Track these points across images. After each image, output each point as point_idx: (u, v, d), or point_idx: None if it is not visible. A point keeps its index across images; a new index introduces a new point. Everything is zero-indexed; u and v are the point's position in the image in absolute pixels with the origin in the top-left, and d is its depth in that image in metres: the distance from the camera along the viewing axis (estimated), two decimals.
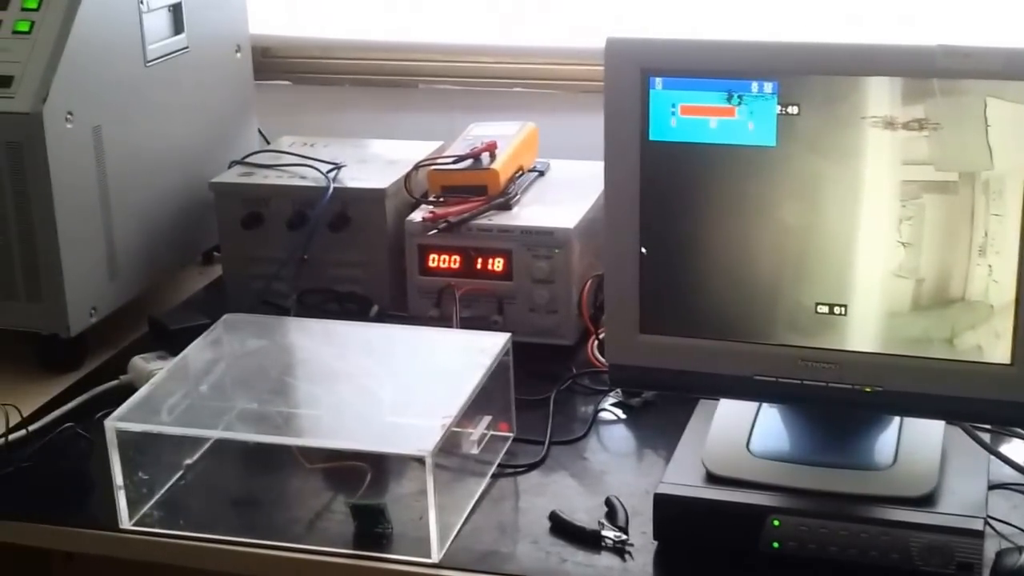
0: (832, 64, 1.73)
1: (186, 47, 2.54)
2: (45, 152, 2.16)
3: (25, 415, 2.12)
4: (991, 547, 1.72)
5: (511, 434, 2.06)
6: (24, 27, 2.20)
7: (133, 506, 1.90)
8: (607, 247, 1.85)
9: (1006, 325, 1.70)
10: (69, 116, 2.21)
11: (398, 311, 2.40)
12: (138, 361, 2.23)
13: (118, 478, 1.88)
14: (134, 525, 1.90)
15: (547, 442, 2.05)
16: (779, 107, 1.73)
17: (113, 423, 1.88)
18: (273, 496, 1.99)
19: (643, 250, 1.81)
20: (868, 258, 1.74)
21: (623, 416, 2.14)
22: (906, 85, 1.68)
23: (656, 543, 1.80)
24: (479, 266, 2.33)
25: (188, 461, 2.00)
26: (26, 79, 2.16)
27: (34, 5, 2.21)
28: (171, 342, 2.25)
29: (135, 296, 2.44)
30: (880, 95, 1.69)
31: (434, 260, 2.35)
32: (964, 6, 2.52)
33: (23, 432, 2.08)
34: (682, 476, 1.81)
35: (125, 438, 1.88)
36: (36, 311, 2.25)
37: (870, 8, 2.56)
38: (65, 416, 2.13)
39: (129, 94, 2.38)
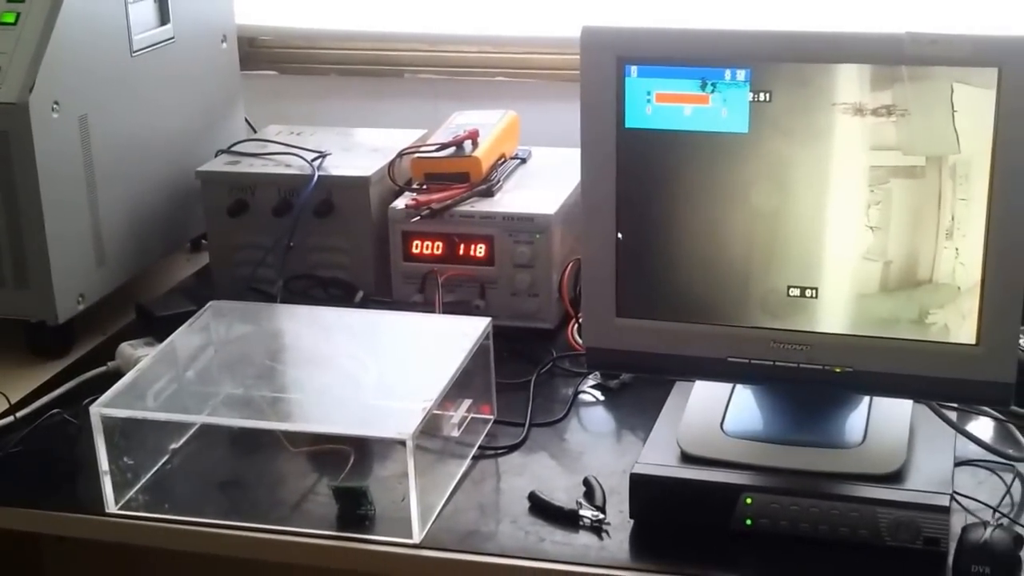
0: (803, 52, 1.75)
1: (172, 37, 2.56)
2: (32, 141, 2.18)
3: (13, 401, 2.15)
4: (957, 522, 1.74)
5: (492, 416, 2.08)
6: (10, 18, 2.22)
7: (119, 490, 1.91)
8: (584, 233, 1.87)
9: (972, 306, 1.73)
10: (55, 106, 2.23)
11: (382, 297, 2.42)
12: (126, 347, 2.24)
13: (104, 463, 1.90)
14: (120, 509, 1.91)
15: (527, 424, 2.07)
16: (751, 94, 1.75)
17: (98, 409, 1.89)
18: (258, 479, 2.01)
19: (619, 235, 1.84)
20: (838, 241, 1.76)
21: (601, 398, 2.16)
22: (875, 72, 1.71)
23: (632, 522, 1.82)
24: (462, 252, 2.35)
25: (174, 446, 2.02)
26: (12, 69, 2.18)
27: None
28: (158, 329, 2.26)
29: (123, 283, 2.46)
30: (849, 82, 1.71)
31: (417, 246, 2.37)
32: None
33: (11, 418, 2.10)
34: (658, 456, 1.84)
35: (111, 424, 1.90)
36: (24, 298, 2.27)
37: None
38: (53, 402, 2.14)
39: (115, 84, 2.41)
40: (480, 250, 2.34)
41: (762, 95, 1.75)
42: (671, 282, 1.85)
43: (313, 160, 2.49)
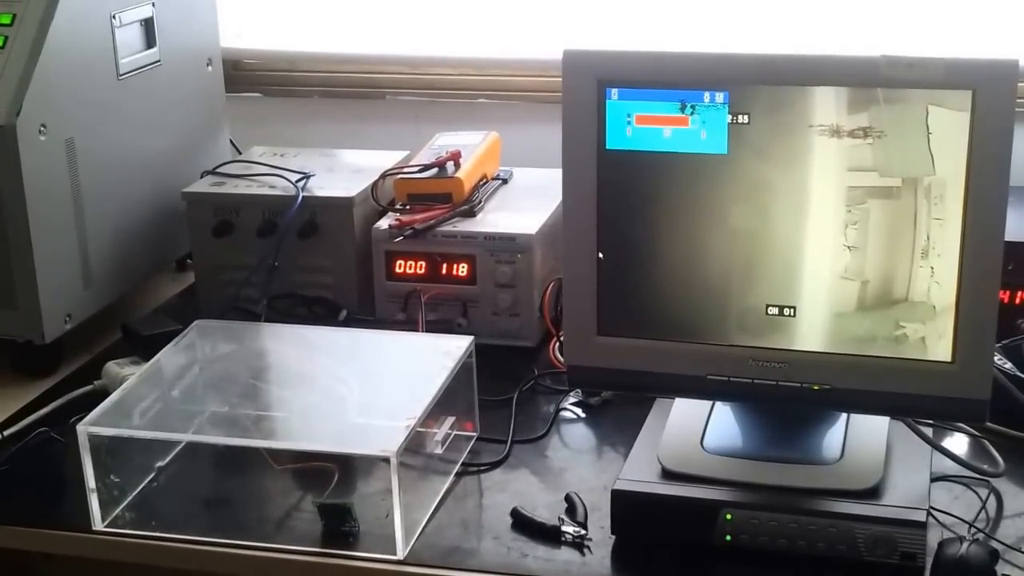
0: (780, 75, 1.77)
1: (158, 60, 2.58)
2: (19, 164, 2.19)
3: (0, 420, 2.16)
4: (934, 537, 1.76)
5: (475, 433, 2.10)
6: None
7: (106, 508, 1.92)
8: (565, 252, 1.89)
9: (947, 324, 1.75)
10: (43, 128, 2.24)
11: (366, 315, 2.45)
12: (112, 366, 2.25)
13: (91, 481, 1.90)
14: (107, 527, 1.92)
15: (509, 441, 2.09)
16: (730, 116, 1.77)
17: (85, 428, 1.90)
18: (243, 497, 2.02)
19: (600, 255, 1.85)
20: (815, 261, 1.78)
21: (583, 415, 2.18)
22: (851, 94, 1.73)
23: (614, 537, 1.83)
24: (444, 271, 2.38)
25: (160, 463, 2.02)
26: (0, 92, 2.19)
27: (7, 21, 2.24)
28: (144, 348, 2.26)
29: (109, 303, 2.47)
30: (826, 104, 1.74)
31: (400, 266, 2.39)
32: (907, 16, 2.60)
33: None
34: (638, 472, 1.85)
35: (97, 442, 1.90)
36: (11, 318, 2.28)
37: (819, 20, 2.63)
38: (40, 421, 2.15)
39: (102, 106, 2.42)
40: (462, 269, 2.36)
41: (741, 117, 1.77)
42: (651, 301, 1.87)
43: (297, 181, 2.51)
